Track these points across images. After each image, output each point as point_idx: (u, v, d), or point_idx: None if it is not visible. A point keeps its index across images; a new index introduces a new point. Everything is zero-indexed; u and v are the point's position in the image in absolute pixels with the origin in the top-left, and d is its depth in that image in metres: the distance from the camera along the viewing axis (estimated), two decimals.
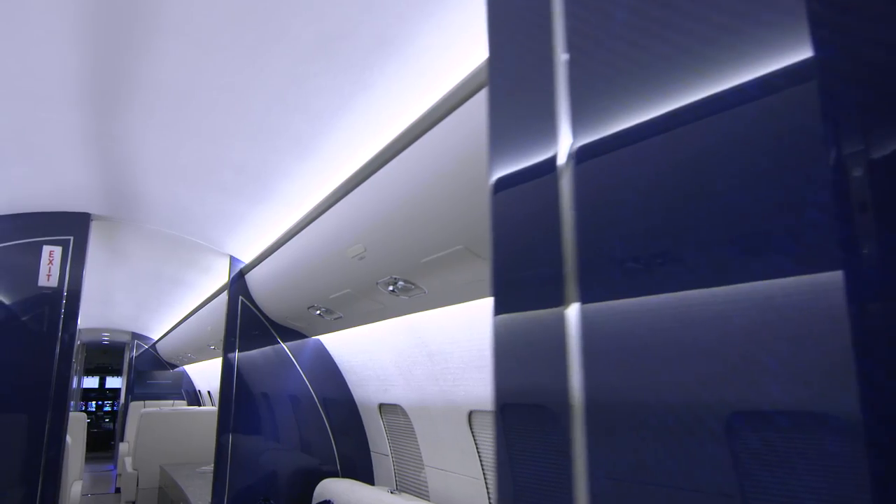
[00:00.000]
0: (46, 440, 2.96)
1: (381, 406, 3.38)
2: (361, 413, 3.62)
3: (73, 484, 4.61)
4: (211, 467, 5.25)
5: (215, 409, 6.49)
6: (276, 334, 3.61)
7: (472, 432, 2.61)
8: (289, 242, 2.70)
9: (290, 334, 3.64)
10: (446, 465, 2.82)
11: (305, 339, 3.67)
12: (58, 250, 3.18)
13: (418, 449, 3.08)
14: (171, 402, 8.62)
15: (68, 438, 3.14)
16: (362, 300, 2.55)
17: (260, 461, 3.42)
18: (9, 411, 2.94)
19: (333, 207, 2.17)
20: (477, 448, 2.61)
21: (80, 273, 3.20)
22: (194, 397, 9.03)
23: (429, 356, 2.67)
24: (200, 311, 5.21)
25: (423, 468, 3.07)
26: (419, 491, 3.17)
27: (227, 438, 3.36)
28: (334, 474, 3.52)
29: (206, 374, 8.05)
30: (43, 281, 3.13)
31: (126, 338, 9.05)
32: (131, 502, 6.01)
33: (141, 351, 8.86)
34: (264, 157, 2.24)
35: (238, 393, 3.46)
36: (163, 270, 4.72)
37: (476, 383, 2.44)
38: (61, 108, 2.01)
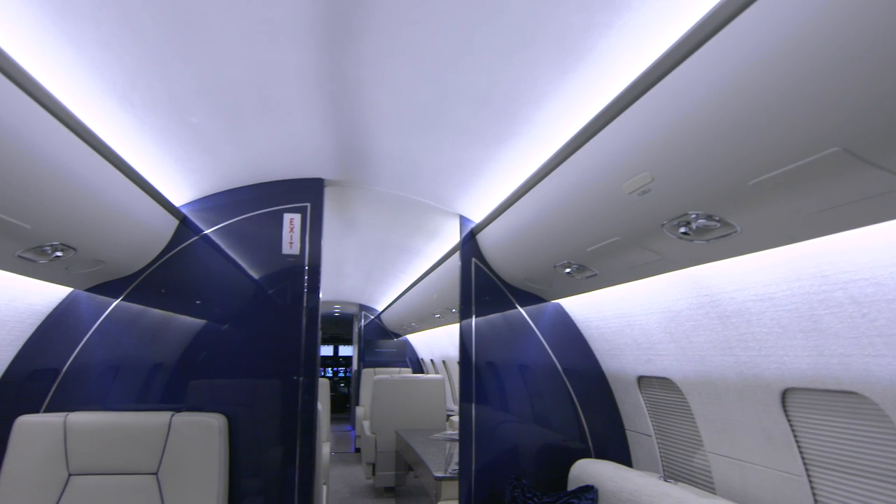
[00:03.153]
0: (301, 404, 3.00)
1: (640, 379, 2.90)
2: (612, 386, 3.17)
3: (323, 444, 4.88)
4: (441, 435, 5.26)
5: (441, 377, 6.56)
6: (512, 298, 3.30)
7: (787, 416, 2.01)
8: (535, 188, 2.32)
9: (527, 298, 3.31)
10: (741, 453, 2.26)
11: (544, 304, 3.31)
12: (297, 218, 3.19)
13: (695, 431, 2.55)
14: (396, 369, 9.03)
15: (318, 404, 3.17)
16: (633, 250, 2.08)
17: (503, 434, 3.16)
18: (266, 377, 3.03)
19: (605, 130, 1.72)
20: (795, 436, 2.00)
21: (318, 241, 3.17)
22: (416, 365, 9.37)
23: (720, 318, 2.11)
24: (425, 278, 5.17)
25: (703, 454, 2.53)
26: (696, 480, 2.64)
27: (469, 408, 3.15)
28: (585, 453, 3.13)
29: (427, 343, 8.24)
30: (286, 249, 3.16)
31: (354, 309, 9.68)
32: (371, 464, 6.32)
33: (367, 321, 9.40)
34: (512, 82, 1.86)
35: (477, 361, 3.22)
36: (390, 238, 4.71)
37: (798, 353, 1.84)
38: (292, 45, 1.81)
